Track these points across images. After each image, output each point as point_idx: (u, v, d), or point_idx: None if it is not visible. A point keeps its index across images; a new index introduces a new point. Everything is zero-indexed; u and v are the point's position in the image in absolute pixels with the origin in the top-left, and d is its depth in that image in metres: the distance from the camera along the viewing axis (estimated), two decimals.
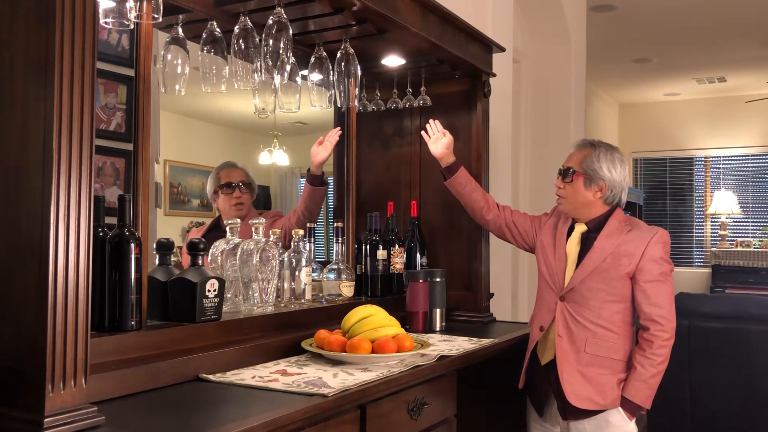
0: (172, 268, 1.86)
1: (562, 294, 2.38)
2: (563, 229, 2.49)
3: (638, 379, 2.27)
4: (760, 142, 8.87)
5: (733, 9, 5.88)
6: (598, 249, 2.35)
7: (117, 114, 2.15)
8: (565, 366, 2.33)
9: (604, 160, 2.37)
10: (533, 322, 2.50)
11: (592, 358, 2.32)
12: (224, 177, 2.70)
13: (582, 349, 2.33)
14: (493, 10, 3.63)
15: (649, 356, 2.26)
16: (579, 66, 5.15)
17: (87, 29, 1.29)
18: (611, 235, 2.36)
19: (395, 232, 2.77)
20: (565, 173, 2.42)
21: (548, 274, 2.45)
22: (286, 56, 1.97)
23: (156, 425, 1.38)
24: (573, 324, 2.35)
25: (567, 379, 2.31)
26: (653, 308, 2.28)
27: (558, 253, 2.45)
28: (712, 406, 3.60)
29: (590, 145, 2.43)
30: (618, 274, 2.31)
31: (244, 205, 2.70)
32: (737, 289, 7.91)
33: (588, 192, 2.39)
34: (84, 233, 1.28)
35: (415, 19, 2.34)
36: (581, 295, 2.35)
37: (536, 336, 2.44)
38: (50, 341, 1.22)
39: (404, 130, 3.07)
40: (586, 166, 2.38)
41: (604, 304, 2.33)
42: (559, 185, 2.44)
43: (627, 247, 2.32)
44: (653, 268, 2.29)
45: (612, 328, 2.33)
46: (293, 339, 2.02)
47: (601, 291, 2.33)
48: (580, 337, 2.33)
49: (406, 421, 1.85)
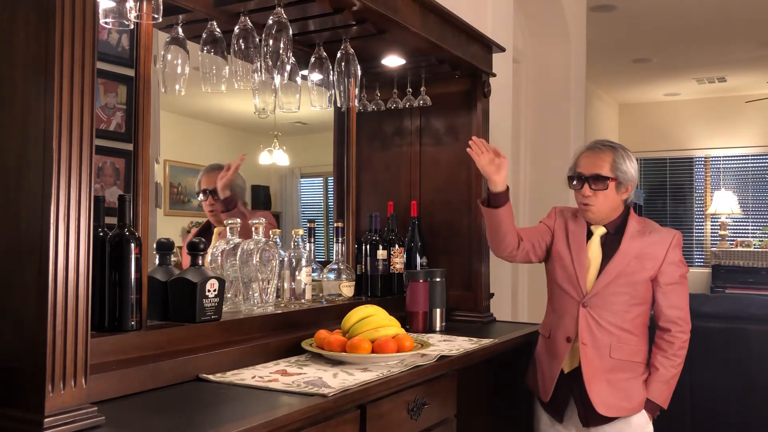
0: (172, 268, 1.86)
1: (584, 300, 2.32)
2: (579, 232, 2.40)
3: (660, 380, 2.29)
4: (760, 142, 8.87)
5: (733, 9, 5.88)
6: (623, 252, 2.31)
7: (117, 114, 2.15)
8: (592, 375, 2.28)
9: (627, 159, 2.35)
10: (554, 333, 2.39)
11: (617, 363, 2.29)
12: (203, 182, 2.71)
13: (607, 355, 2.29)
14: (493, 10, 3.63)
15: (671, 357, 2.28)
16: (579, 66, 5.15)
17: (87, 29, 1.29)
18: (634, 237, 2.33)
19: (395, 232, 2.77)
20: (596, 180, 2.30)
21: (567, 281, 2.37)
22: (286, 56, 1.97)
23: (156, 425, 1.38)
24: (597, 330, 2.30)
25: (595, 390, 2.27)
26: (674, 310, 2.29)
27: (578, 259, 2.35)
28: (712, 406, 3.60)
29: (610, 147, 2.36)
30: (642, 277, 2.30)
31: (215, 212, 2.66)
32: (737, 289, 7.91)
33: (618, 196, 2.35)
34: (84, 233, 1.28)
35: (415, 19, 2.34)
36: (605, 300, 2.30)
37: (565, 348, 2.34)
38: (50, 341, 1.22)
39: (404, 130, 3.07)
40: (617, 170, 2.31)
41: (628, 307, 2.30)
42: (587, 193, 2.32)
43: (650, 250, 2.31)
44: (674, 271, 2.31)
45: (634, 331, 2.32)
46: (293, 339, 2.02)
47: (626, 294, 2.30)
48: (605, 343, 2.29)
49: (406, 421, 1.85)
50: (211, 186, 2.67)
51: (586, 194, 2.32)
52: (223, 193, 2.65)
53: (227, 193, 2.64)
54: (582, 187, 2.33)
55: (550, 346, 2.40)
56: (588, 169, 2.33)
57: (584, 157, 2.38)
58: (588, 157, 2.36)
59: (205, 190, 2.68)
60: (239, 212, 2.58)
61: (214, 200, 2.66)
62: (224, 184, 2.66)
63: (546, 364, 2.42)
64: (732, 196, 8.70)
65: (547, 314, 2.49)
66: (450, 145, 2.98)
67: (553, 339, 2.39)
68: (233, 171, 2.65)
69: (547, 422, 2.46)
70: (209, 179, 2.70)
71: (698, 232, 9.27)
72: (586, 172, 2.33)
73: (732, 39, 6.71)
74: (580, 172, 2.35)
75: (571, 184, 2.39)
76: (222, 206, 2.64)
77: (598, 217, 2.36)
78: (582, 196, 2.34)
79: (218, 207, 2.66)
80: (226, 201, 2.62)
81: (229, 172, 2.64)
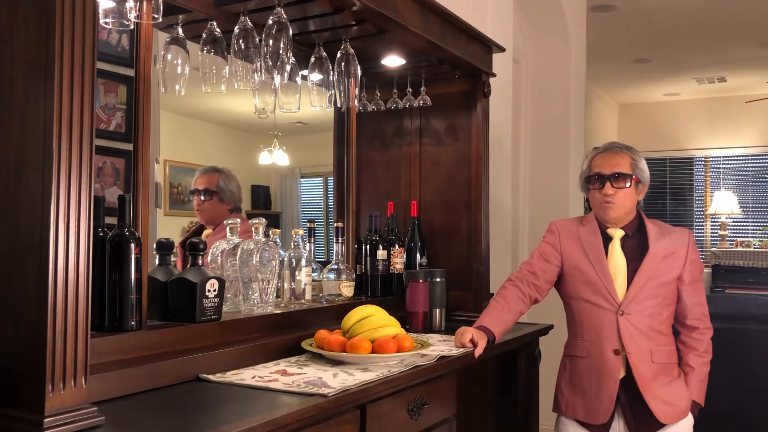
0: (172, 268, 1.86)
1: (621, 308, 2.29)
2: (595, 241, 2.37)
3: (697, 378, 2.33)
4: (760, 142, 8.87)
5: (733, 9, 5.88)
6: (653, 254, 2.32)
7: (117, 114, 2.15)
8: (644, 384, 2.26)
9: (642, 160, 2.39)
10: (595, 350, 2.31)
11: (658, 367, 2.29)
12: (196, 182, 2.72)
13: (649, 361, 2.28)
14: (493, 10, 3.63)
15: (702, 355, 2.34)
16: (579, 66, 5.15)
17: (87, 29, 1.29)
18: (658, 239, 2.35)
19: (395, 232, 2.77)
20: (618, 178, 2.32)
21: (595, 293, 2.32)
22: (286, 56, 1.97)
23: (156, 425, 1.38)
24: (638, 336, 2.28)
25: (651, 398, 2.25)
26: (699, 307, 2.35)
27: (601, 269, 2.33)
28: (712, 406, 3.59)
29: (627, 148, 2.39)
30: (671, 277, 2.33)
31: (203, 213, 2.67)
32: (737, 289, 7.90)
33: (636, 196, 2.37)
34: (84, 233, 1.28)
35: (415, 19, 2.34)
36: (641, 304, 2.29)
37: (615, 362, 2.27)
38: (50, 341, 1.22)
39: (404, 130, 3.07)
40: (636, 168, 2.35)
41: (661, 309, 2.32)
42: (610, 191, 2.32)
43: (673, 250, 2.34)
44: (695, 269, 2.37)
45: (667, 332, 2.34)
46: (293, 339, 2.02)
47: (659, 297, 2.31)
48: (645, 349, 2.28)
49: (406, 421, 1.85)
50: (202, 186, 2.68)
51: (608, 192, 2.32)
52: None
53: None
54: (603, 186, 2.33)
55: (594, 365, 2.32)
56: (608, 168, 2.34)
57: (600, 158, 2.39)
58: (605, 158, 2.37)
59: (195, 189, 2.69)
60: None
61: (201, 200, 2.67)
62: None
63: (593, 385, 2.32)
64: (732, 196, 8.69)
65: (575, 334, 2.40)
66: (450, 145, 2.98)
67: (597, 357, 2.32)
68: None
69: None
70: (201, 180, 2.70)
71: (698, 232, 9.27)
72: (607, 171, 2.34)
73: (732, 39, 6.71)
74: (599, 172, 2.36)
75: (589, 184, 2.39)
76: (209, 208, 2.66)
77: (619, 216, 2.36)
78: (604, 195, 2.33)
79: (207, 206, 2.67)
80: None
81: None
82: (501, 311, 2.32)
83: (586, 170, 2.42)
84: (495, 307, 2.34)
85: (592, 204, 2.41)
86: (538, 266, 2.42)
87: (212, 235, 2.56)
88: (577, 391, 2.37)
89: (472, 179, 2.90)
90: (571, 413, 2.38)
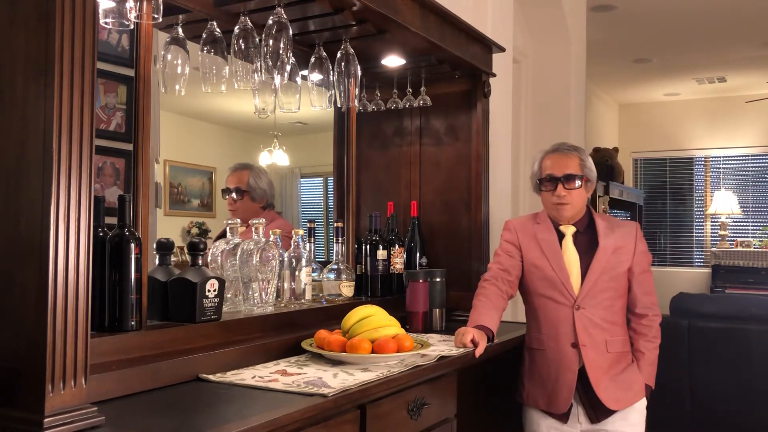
0: (172, 268, 1.86)
1: (576, 303, 2.36)
2: (551, 238, 2.44)
3: (648, 362, 2.41)
4: (760, 142, 8.87)
5: (733, 9, 5.88)
6: (603, 249, 2.40)
7: (117, 114, 2.15)
8: (596, 375, 2.33)
9: (588, 158, 2.49)
10: (552, 343, 2.37)
11: (614, 356, 2.37)
12: (227, 181, 2.72)
13: (605, 351, 2.36)
14: (493, 10, 3.63)
15: (652, 340, 2.43)
16: (579, 66, 5.15)
17: (87, 29, 1.29)
18: (607, 233, 2.43)
19: (395, 232, 2.77)
20: (570, 179, 2.39)
21: (551, 289, 2.39)
22: (286, 56, 1.97)
23: (156, 425, 1.38)
24: (592, 329, 2.35)
25: (602, 389, 2.33)
26: (648, 297, 2.45)
27: (556, 264, 2.40)
28: (712, 406, 3.60)
29: (574, 148, 2.47)
30: (621, 270, 2.41)
31: (236, 212, 2.67)
32: (737, 289, 7.90)
33: (586, 194, 2.47)
34: (84, 233, 1.28)
35: (415, 19, 2.34)
36: (595, 298, 2.37)
37: (573, 354, 2.34)
38: (50, 341, 1.22)
39: (404, 130, 3.07)
40: (584, 168, 2.44)
41: (613, 301, 2.40)
42: (562, 193, 2.39)
43: (622, 243, 2.43)
44: (644, 260, 2.45)
45: (620, 322, 2.42)
46: (293, 339, 2.02)
47: (611, 289, 2.39)
48: (600, 340, 2.35)
49: (406, 421, 1.85)
50: (233, 185, 2.68)
51: (561, 194, 2.40)
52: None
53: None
54: (556, 188, 2.40)
55: (551, 357, 2.39)
56: (559, 169, 2.41)
57: (550, 158, 2.45)
58: (554, 159, 2.44)
59: (227, 188, 2.70)
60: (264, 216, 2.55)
61: (234, 200, 2.67)
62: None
63: (552, 376, 2.38)
64: (732, 196, 8.69)
65: (534, 328, 2.46)
66: (450, 145, 2.98)
67: (554, 350, 2.38)
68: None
69: (552, 426, 2.42)
70: (232, 178, 2.70)
71: (698, 232, 9.27)
72: (558, 173, 2.41)
73: (732, 39, 6.71)
74: (550, 174, 2.42)
75: (542, 186, 2.45)
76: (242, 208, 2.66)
77: (571, 216, 2.44)
78: (557, 197, 2.40)
79: (239, 205, 2.67)
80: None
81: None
82: (490, 309, 2.37)
83: (537, 172, 2.48)
84: (483, 305, 2.38)
85: (545, 204, 2.48)
86: (507, 263, 2.48)
87: (243, 233, 2.55)
88: (537, 382, 2.44)
89: (472, 179, 2.90)
90: (532, 403, 2.46)
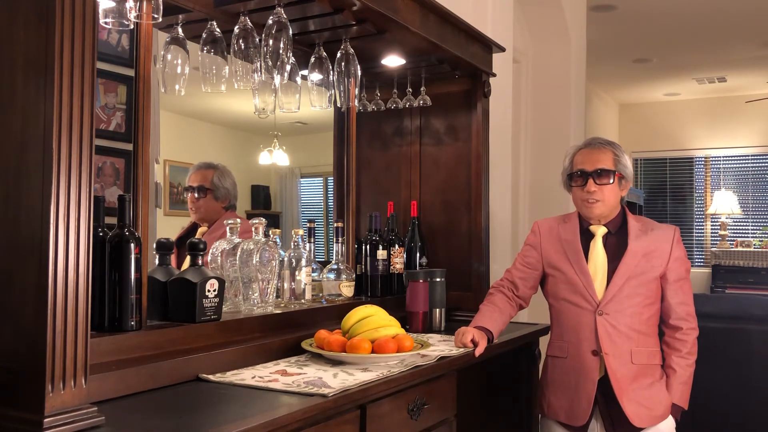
0: (172, 268, 1.86)
1: (599, 308, 2.26)
2: (573, 239, 2.34)
3: (679, 381, 2.26)
4: (760, 142, 8.87)
5: (733, 9, 5.88)
6: (632, 252, 2.27)
7: (117, 114, 2.15)
8: (620, 386, 2.22)
9: (624, 155, 2.35)
10: (574, 351, 2.30)
11: (638, 368, 2.24)
12: (189, 179, 2.68)
13: (629, 362, 2.23)
14: (493, 10, 3.63)
15: (686, 356, 2.28)
16: (579, 66, 5.15)
17: (87, 29, 1.29)
18: (638, 236, 2.30)
19: (395, 232, 2.77)
20: (600, 175, 2.28)
21: (574, 293, 2.30)
22: (286, 56, 1.97)
23: (156, 425, 1.38)
24: (616, 336, 2.24)
25: (626, 401, 2.21)
26: (684, 307, 2.29)
27: (578, 267, 2.30)
28: (712, 407, 3.60)
29: (609, 143, 2.35)
30: (652, 276, 2.28)
31: (197, 211, 2.64)
32: (737, 289, 7.90)
33: (619, 192, 2.34)
34: (84, 233, 1.28)
35: (415, 19, 2.34)
36: (620, 304, 2.25)
37: (593, 363, 2.25)
38: (50, 341, 1.22)
39: (404, 130, 3.07)
40: (619, 164, 2.31)
41: (642, 308, 2.27)
42: (593, 188, 2.28)
43: (656, 247, 2.29)
44: (680, 267, 2.31)
45: (649, 332, 2.29)
46: (293, 339, 2.02)
47: (639, 296, 2.26)
48: (625, 349, 2.24)
49: (406, 421, 1.85)
50: (196, 183, 2.65)
51: (591, 189, 2.28)
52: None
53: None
54: (586, 183, 2.30)
55: (573, 366, 2.30)
56: (590, 164, 2.30)
57: (582, 154, 2.35)
58: (587, 154, 2.34)
59: (190, 186, 2.65)
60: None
61: (196, 197, 2.64)
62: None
63: (572, 386, 2.30)
64: (732, 196, 8.70)
65: (556, 334, 2.39)
66: (450, 145, 2.98)
67: (576, 357, 2.30)
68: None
69: None
70: (195, 177, 2.67)
71: (698, 232, 9.27)
72: (589, 168, 2.30)
73: (732, 39, 6.71)
74: (581, 169, 2.32)
75: (572, 181, 2.35)
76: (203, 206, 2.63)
77: (603, 213, 2.32)
78: (587, 192, 2.29)
79: (201, 204, 2.64)
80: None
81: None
82: (494, 312, 2.32)
83: (568, 167, 2.38)
84: (488, 309, 2.35)
85: (575, 202, 2.38)
86: (518, 276, 2.43)
87: (208, 233, 2.54)
88: (557, 392, 2.35)
89: (472, 179, 2.90)
90: (552, 415, 2.36)
